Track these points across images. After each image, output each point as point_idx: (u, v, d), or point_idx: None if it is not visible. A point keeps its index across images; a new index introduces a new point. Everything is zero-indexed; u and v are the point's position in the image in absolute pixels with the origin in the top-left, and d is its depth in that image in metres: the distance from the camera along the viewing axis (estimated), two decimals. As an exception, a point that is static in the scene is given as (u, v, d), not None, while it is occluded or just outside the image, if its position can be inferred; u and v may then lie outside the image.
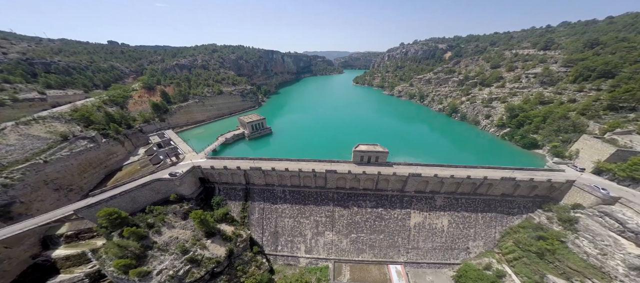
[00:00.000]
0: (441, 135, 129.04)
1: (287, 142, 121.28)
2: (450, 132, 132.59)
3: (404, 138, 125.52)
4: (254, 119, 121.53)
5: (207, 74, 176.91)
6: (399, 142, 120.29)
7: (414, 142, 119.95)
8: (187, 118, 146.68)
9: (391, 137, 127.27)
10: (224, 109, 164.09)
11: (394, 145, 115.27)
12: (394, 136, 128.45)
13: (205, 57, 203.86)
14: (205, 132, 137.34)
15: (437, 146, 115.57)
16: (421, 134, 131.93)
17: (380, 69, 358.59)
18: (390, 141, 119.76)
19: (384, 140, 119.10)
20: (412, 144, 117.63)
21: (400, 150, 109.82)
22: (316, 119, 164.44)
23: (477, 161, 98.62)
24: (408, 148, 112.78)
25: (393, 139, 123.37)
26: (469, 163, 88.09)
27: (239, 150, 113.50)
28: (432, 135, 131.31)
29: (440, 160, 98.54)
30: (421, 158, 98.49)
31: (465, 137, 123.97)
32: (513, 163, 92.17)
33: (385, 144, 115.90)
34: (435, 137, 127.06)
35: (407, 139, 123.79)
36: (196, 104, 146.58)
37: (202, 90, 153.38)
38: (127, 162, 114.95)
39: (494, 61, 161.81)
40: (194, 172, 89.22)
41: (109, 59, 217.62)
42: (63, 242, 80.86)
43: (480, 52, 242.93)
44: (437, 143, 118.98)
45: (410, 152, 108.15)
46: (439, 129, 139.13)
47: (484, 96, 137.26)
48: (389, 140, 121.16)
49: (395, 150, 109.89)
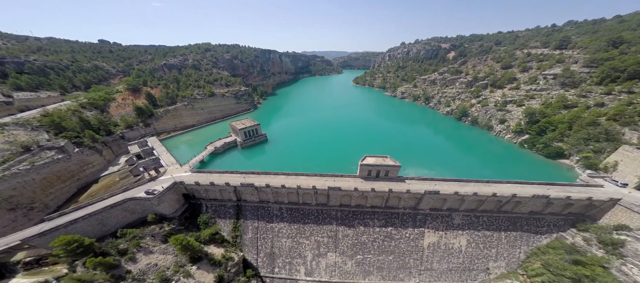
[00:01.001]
0: (452, 142, 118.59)
1: (284, 150, 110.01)
2: (461, 138, 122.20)
3: (411, 144, 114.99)
4: (247, 124, 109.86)
5: (198, 75, 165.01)
6: (406, 149, 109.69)
7: (422, 149, 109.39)
8: (175, 122, 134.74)
9: (397, 143, 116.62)
10: (216, 112, 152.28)
11: (401, 153, 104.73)
12: (400, 142, 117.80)
13: (197, 57, 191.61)
14: (194, 139, 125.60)
15: (448, 154, 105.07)
16: (429, 140, 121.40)
17: (381, 69, 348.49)
18: (397, 148, 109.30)
19: (390, 148, 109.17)
20: (421, 152, 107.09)
21: (408, 158, 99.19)
22: (316, 123, 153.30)
23: (495, 172, 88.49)
24: (417, 156, 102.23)
25: (399, 146, 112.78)
26: (492, 178, 77.45)
27: (230, 160, 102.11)
28: (441, 141, 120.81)
29: (454, 171, 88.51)
30: (435, 171, 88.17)
31: (479, 144, 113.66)
32: (537, 176, 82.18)
33: (391, 152, 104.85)
34: (445, 144, 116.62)
35: (414, 146, 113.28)
36: (185, 107, 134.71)
37: (191, 92, 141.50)
38: (105, 172, 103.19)
39: (505, 61, 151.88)
40: (176, 189, 77.72)
41: (94, 58, 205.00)
42: (21, 270, 69.01)
43: (485, 52, 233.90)
44: (448, 151, 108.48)
45: (420, 161, 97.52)
46: (448, 134, 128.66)
47: (496, 99, 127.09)
48: (395, 147, 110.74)
49: (403, 159, 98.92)
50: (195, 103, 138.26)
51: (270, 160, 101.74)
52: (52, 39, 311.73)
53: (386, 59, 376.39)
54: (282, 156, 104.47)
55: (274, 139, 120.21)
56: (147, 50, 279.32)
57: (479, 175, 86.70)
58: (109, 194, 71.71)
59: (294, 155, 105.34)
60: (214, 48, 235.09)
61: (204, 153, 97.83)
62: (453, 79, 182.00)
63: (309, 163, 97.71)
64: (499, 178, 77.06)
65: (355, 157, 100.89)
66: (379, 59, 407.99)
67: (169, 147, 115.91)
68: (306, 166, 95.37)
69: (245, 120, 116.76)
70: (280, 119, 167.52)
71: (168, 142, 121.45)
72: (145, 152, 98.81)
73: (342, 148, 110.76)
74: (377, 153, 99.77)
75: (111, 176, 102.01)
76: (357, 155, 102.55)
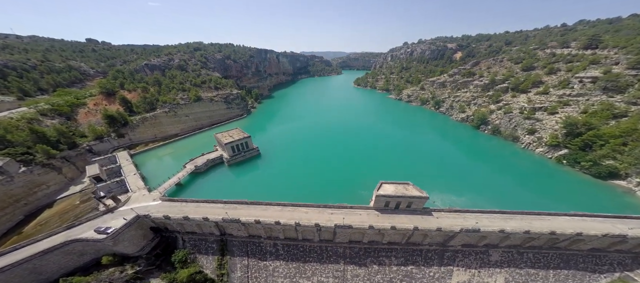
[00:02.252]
0: (473, 156, 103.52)
1: (279, 167, 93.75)
2: (484, 151, 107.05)
3: (428, 159, 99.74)
4: (235, 137, 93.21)
5: (183, 76, 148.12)
6: (422, 164, 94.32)
7: (442, 165, 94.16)
8: (154, 132, 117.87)
9: (411, 157, 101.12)
10: (204, 119, 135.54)
11: (418, 170, 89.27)
12: (414, 155, 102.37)
13: (185, 56, 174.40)
14: (174, 153, 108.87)
15: (472, 171, 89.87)
16: (448, 153, 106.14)
17: (383, 70, 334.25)
18: (412, 164, 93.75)
19: (404, 163, 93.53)
20: (441, 168, 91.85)
21: (427, 177, 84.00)
22: (316, 131, 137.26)
23: (534, 196, 73.44)
24: (437, 174, 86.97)
25: (414, 161, 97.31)
26: (530, 202, 62.42)
27: (214, 181, 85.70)
28: (461, 155, 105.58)
29: (485, 194, 74.17)
30: (465, 198, 72.85)
31: (505, 159, 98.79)
32: (585, 200, 69.29)
33: (405, 168, 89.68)
34: (466, 158, 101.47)
35: (432, 160, 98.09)
36: (166, 114, 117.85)
37: (174, 97, 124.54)
38: (65, 193, 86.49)
39: (526, 62, 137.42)
40: (140, 223, 61.30)
41: (72, 58, 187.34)
42: None
43: (495, 52, 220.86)
44: (471, 168, 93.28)
45: (442, 182, 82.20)
46: (468, 146, 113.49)
47: (522, 105, 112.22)
48: (409, 162, 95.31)
49: (422, 178, 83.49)
50: (178, 109, 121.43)
51: (262, 181, 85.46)
52: (35, 37, 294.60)
53: (388, 59, 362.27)
54: (277, 176, 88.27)
55: (268, 153, 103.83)
56: (133, 49, 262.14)
57: (514, 199, 72.00)
58: (45, 234, 55.05)
59: (291, 174, 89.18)
60: (205, 47, 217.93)
61: (181, 174, 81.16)
62: (466, 82, 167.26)
63: (310, 185, 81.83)
64: (538, 202, 62.48)
65: (364, 176, 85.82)
66: (380, 59, 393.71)
67: (143, 162, 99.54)
68: (306, 188, 79.49)
69: (234, 131, 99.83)
70: (276, 125, 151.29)
71: (143, 157, 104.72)
72: (111, 172, 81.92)
73: (348, 165, 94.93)
74: (388, 173, 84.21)
75: (71, 198, 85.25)
76: (365, 173, 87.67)
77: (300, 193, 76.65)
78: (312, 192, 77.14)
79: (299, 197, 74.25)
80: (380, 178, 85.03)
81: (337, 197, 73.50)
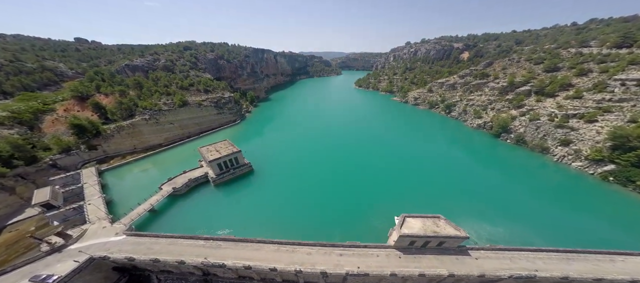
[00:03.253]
0: (499, 170, 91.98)
1: (275, 188, 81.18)
2: (508, 164, 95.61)
3: (447, 174, 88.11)
4: (222, 152, 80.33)
5: (169, 78, 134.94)
6: (441, 181, 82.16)
7: (462, 182, 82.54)
8: (133, 142, 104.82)
9: (427, 173, 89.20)
10: (191, 126, 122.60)
11: (436, 189, 77.01)
12: (431, 171, 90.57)
13: (172, 56, 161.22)
14: (155, 167, 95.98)
15: (501, 190, 78.31)
16: (467, 167, 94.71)
17: (386, 71, 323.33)
18: (429, 181, 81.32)
19: (420, 181, 80.00)
20: (462, 186, 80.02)
21: (448, 198, 71.87)
22: (318, 140, 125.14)
23: (585, 222, 61.64)
24: (459, 193, 75.13)
25: (431, 177, 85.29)
26: (578, 227, 50.42)
27: (196, 206, 72.93)
28: (485, 168, 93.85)
29: (521, 220, 63.44)
30: (502, 228, 60.96)
31: (534, 173, 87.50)
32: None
33: (422, 186, 77.15)
34: (491, 173, 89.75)
35: (451, 177, 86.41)
36: (146, 121, 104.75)
37: (156, 102, 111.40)
38: (18, 217, 73.16)
39: (549, 62, 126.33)
40: (97, 265, 48.61)
41: (51, 57, 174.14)
42: None
43: (506, 52, 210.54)
44: (501, 185, 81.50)
45: (466, 202, 70.43)
46: (490, 158, 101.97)
47: (551, 111, 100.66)
48: (426, 179, 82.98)
49: (442, 199, 71.51)
50: (160, 116, 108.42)
51: (255, 205, 72.86)
52: (19, 36, 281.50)
53: (390, 59, 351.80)
54: (272, 199, 75.69)
55: (263, 169, 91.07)
56: (120, 49, 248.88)
57: (563, 229, 60.21)
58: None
59: (289, 196, 76.64)
60: (196, 46, 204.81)
61: (156, 199, 68.31)
62: (479, 84, 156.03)
63: (312, 211, 69.33)
64: (593, 231, 50.38)
65: (376, 200, 73.01)
66: (382, 59, 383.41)
67: (116, 180, 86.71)
68: (307, 215, 67.00)
69: (222, 144, 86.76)
70: (273, 132, 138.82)
71: (116, 174, 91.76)
72: (72, 195, 68.84)
73: (356, 184, 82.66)
74: (404, 195, 72.48)
75: (26, 223, 72.00)
76: (377, 196, 74.51)
77: (301, 222, 64.20)
78: (315, 221, 64.68)
79: (299, 227, 61.87)
80: (394, 201, 73.27)
81: (345, 229, 61.17)
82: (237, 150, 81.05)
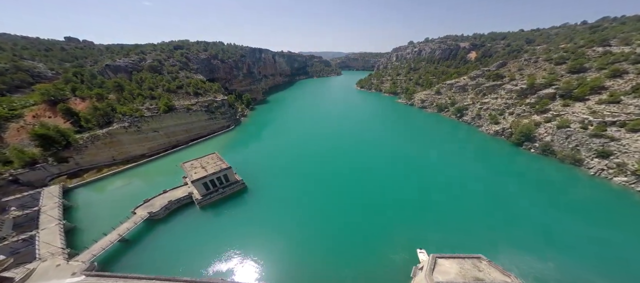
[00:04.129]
0: (528, 187, 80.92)
1: (271, 210, 69.68)
2: (538, 178, 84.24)
3: (470, 190, 76.90)
4: (209, 169, 68.55)
5: (154, 80, 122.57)
6: (465, 199, 70.93)
7: (491, 202, 71.53)
8: (111, 153, 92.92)
9: (446, 189, 77.88)
10: (179, 134, 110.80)
11: (462, 209, 65.59)
12: (451, 186, 79.23)
13: (161, 56, 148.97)
14: (134, 183, 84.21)
15: (538, 211, 66.92)
16: (492, 182, 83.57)
17: (388, 71, 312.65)
18: (450, 199, 69.81)
19: (441, 200, 66.67)
20: (492, 206, 68.95)
21: (478, 221, 60.80)
22: (320, 148, 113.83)
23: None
24: (489, 215, 63.94)
25: (453, 194, 73.96)
26: None
27: (177, 234, 61.19)
28: (512, 184, 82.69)
29: (574, 252, 51.49)
30: (553, 263, 49.73)
31: (568, 188, 76.54)
32: None
33: (444, 206, 65.64)
34: (520, 190, 78.49)
35: (475, 193, 75.27)
36: (126, 130, 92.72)
37: (138, 107, 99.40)
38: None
39: (574, 63, 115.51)
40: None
41: (30, 57, 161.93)
42: None
43: (516, 52, 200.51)
44: (531, 204, 70.39)
45: (501, 228, 59.30)
46: (515, 171, 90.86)
47: (584, 117, 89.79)
48: (447, 197, 71.56)
49: (470, 222, 60.32)
50: (142, 123, 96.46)
51: (249, 233, 61.20)
52: (5, 35, 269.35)
53: (393, 59, 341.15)
54: (268, 223, 64.12)
55: (258, 186, 79.39)
56: (109, 48, 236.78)
57: (612, 254, 49.02)
58: None
59: (288, 219, 65.18)
60: (189, 45, 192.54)
61: (126, 227, 56.38)
62: (493, 86, 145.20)
63: (316, 239, 57.70)
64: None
65: (391, 223, 61.68)
66: (384, 59, 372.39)
67: (87, 200, 74.71)
68: (310, 247, 55.33)
69: (209, 158, 74.92)
70: (270, 139, 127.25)
71: (88, 191, 79.94)
72: (27, 220, 57.02)
73: (365, 203, 71.23)
74: (424, 218, 60.71)
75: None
76: (392, 218, 62.55)
77: (303, 257, 52.63)
78: (320, 255, 53.16)
79: (301, 264, 50.45)
80: (412, 225, 61.66)
81: (358, 268, 49.65)
82: (226, 167, 69.20)
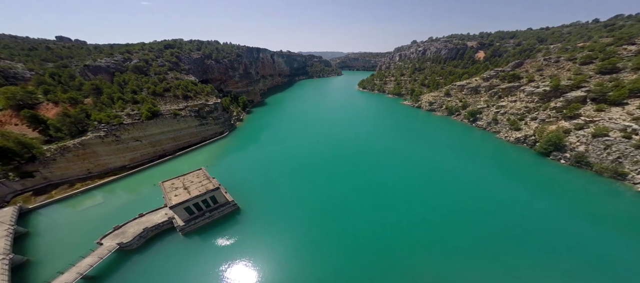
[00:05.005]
0: (561, 204, 69.92)
1: (269, 237, 58.40)
2: (574, 194, 73.44)
3: (496, 208, 65.73)
4: (193, 190, 56.90)
5: (139, 82, 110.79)
6: (492, 217, 59.84)
7: (522, 222, 60.36)
8: (86, 166, 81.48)
9: (477, 212, 66.79)
10: (165, 142, 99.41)
11: (490, 232, 53.97)
12: (482, 210, 68.14)
13: (148, 55, 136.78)
14: (111, 200, 72.68)
15: (582, 236, 55.96)
16: (520, 199, 72.74)
17: (391, 71, 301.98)
18: (485, 227, 58.42)
19: (474, 228, 52.60)
20: (524, 228, 57.76)
21: (511, 246, 49.70)
22: (323, 157, 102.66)
23: None
24: (523, 238, 52.84)
25: (487, 220, 62.90)
26: None
27: (157, 266, 49.85)
28: (540, 201, 71.81)
29: None
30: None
31: (611, 208, 65.54)
32: None
33: (479, 235, 54.42)
34: (550, 207, 67.65)
35: (503, 211, 64.08)
36: (102, 139, 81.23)
37: (117, 113, 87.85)
38: None
39: (605, 63, 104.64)
40: None
41: (7, 57, 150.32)
42: None
43: (528, 51, 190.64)
44: (570, 226, 59.51)
45: (537, 257, 48.30)
46: (543, 184, 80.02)
47: (625, 125, 79.04)
48: (480, 225, 60.34)
49: (503, 250, 48.59)
50: (122, 131, 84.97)
51: (240, 265, 50.12)
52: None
53: (396, 59, 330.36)
54: (265, 253, 53.00)
55: (252, 205, 68.18)
56: (98, 47, 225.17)
57: None
58: None
59: (289, 250, 53.88)
60: (181, 45, 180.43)
61: (84, 265, 45.00)
62: (510, 88, 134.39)
63: (324, 275, 46.63)
64: None
65: (412, 250, 50.15)
66: (387, 59, 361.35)
67: (50, 223, 63.15)
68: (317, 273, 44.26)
69: (194, 176, 63.23)
70: (267, 146, 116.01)
71: (53, 212, 68.31)
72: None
73: (381, 227, 60.14)
74: (459, 256, 48.96)
75: None
76: (412, 244, 50.24)
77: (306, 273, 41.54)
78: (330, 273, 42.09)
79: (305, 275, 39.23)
80: (439, 259, 49.58)
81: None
82: (213, 187, 57.72)
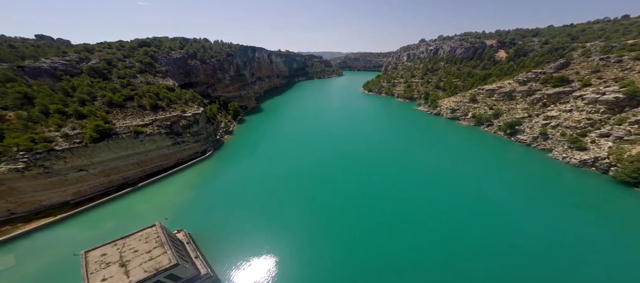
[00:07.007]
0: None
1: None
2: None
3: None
4: (135, 272, 33.01)
5: (88, 89, 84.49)
6: None
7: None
8: (6, 206, 57.11)
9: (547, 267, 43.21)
10: (125, 169, 74.50)
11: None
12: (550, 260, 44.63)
13: (115, 55, 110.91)
14: (40, 254, 48.20)
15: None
16: (616, 256, 49.25)
17: (400, 72, 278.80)
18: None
19: None
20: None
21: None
22: (331, 180, 78.48)
23: None
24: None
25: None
26: None
27: None
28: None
29: None
30: None
31: None
32: None
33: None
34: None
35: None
36: (22, 173, 56.65)
37: (46, 134, 62.72)
38: None
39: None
40: None
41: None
42: None
43: (559, 50, 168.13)
44: None
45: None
46: (628, 226, 56.81)
47: None
48: None
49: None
50: (54, 161, 60.35)
51: None
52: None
53: (404, 59, 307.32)
54: None
55: (238, 268, 44.44)
56: (70, 45, 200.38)
57: None
58: None
59: None
60: (158, 42, 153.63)
61: None
62: (558, 94, 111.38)
63: None
64: None
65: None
66: (393, 59, 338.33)
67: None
68: None
69: (139, 240, 37.21)
70: (260, 170, 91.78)
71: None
72: None
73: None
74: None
75: None
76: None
77: None
78: None
79: None
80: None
81: None
82: (170, 264, 32.53)
